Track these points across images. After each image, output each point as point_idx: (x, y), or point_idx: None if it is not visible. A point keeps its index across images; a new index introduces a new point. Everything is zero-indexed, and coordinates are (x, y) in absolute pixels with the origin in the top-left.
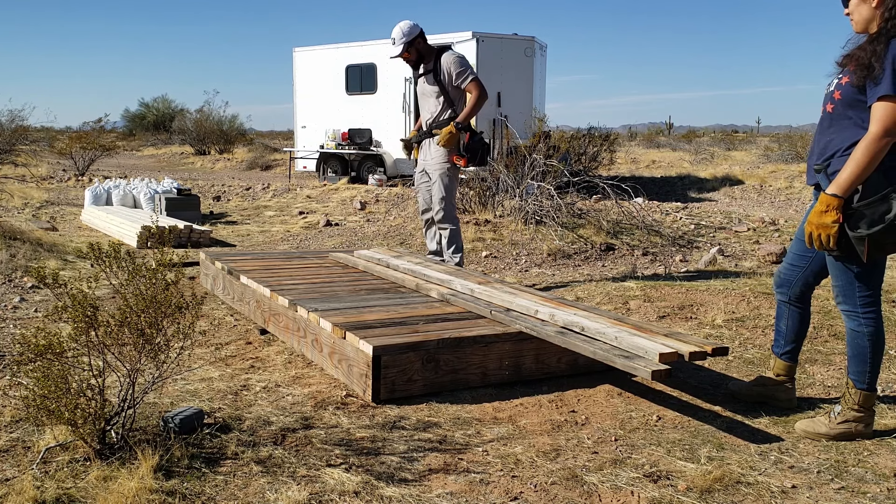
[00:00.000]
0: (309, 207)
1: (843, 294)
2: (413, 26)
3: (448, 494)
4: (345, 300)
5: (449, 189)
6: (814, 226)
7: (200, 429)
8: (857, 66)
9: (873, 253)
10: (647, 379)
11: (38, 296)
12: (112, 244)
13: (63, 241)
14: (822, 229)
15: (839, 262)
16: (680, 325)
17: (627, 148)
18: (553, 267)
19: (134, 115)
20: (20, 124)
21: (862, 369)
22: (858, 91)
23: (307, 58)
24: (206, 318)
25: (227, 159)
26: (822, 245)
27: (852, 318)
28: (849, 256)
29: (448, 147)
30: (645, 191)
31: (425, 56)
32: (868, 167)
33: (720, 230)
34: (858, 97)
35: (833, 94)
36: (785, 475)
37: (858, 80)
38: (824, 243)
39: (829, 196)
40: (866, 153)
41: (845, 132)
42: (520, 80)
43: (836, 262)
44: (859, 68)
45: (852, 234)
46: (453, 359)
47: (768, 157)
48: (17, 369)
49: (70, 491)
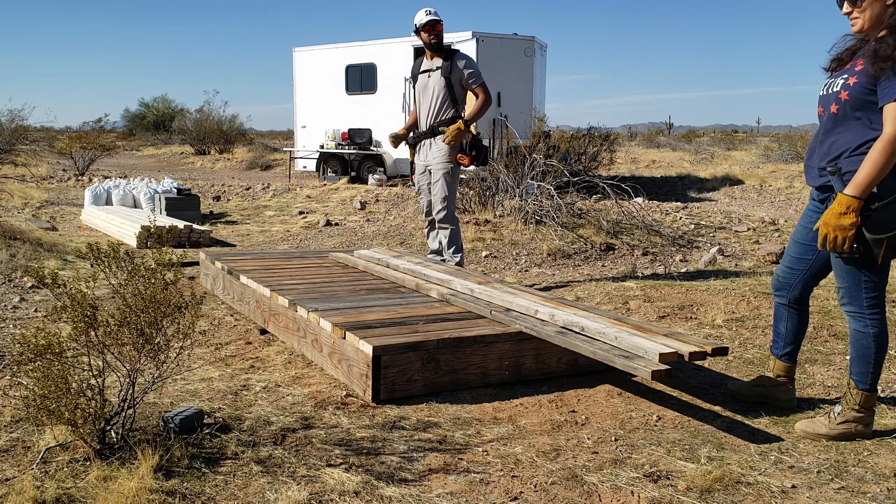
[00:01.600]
0: (309, 207)
1: (850, 296)
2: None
3: (448, 494)
4: (345, 300)
5: (451, 188)
6: (831, 227)
7: (200, 429)
8: (876, 58)
9: (888, 255)
10: (647, 379)
11: (38, 296)
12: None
13: (63, 241)
14: (839, 231)
15: (848, 265)
16: (680, 325)
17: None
18: (553, 267)
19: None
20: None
21: (865, 370)
22: (869, 92)
23: (307, 58)
24: (206, 318)
25: (227, 159)
26: (836, 247)
27: (858, 319)
28: (860, 258)
29: (454, 144)
30: (645, 191)
31: (441, 46)
32: (885, 168)
33: (720, 230)
34: (868, 98)
35: (839, 95)
36: (785, 475)
37: (877, 71)
38: (839, 245)
39: (848, 198)
40: (884, 154)
41: (852, 132)
42: (520, 80)
43: (845, 265)
44: (880, 60)
45: (871, 236)
46: (453, 359)
47: (768, 157)
48: (17, 369)
49: (70, 491)
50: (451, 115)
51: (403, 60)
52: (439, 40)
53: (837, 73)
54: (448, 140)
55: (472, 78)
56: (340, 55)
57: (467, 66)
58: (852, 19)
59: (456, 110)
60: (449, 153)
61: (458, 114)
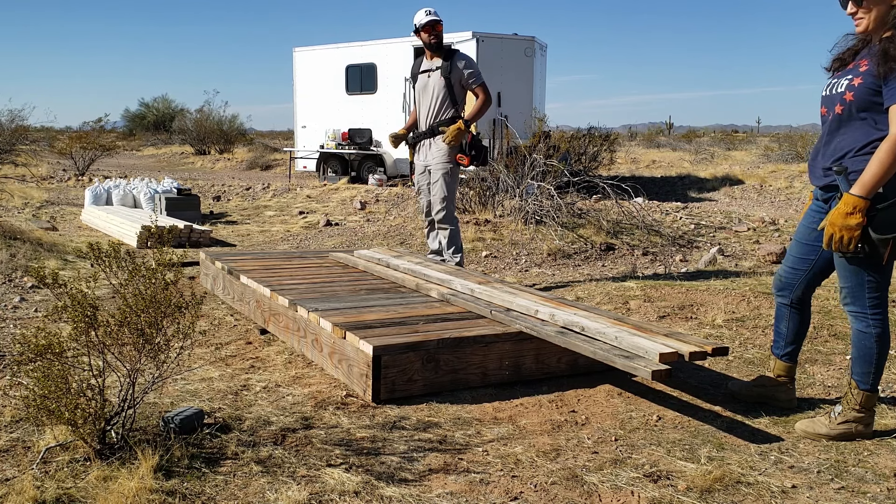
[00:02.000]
0: (309, 207)
1: (853, 295)
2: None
3: (448, 494)
4: (345, 300)
5: (451, 188)
6: (837, 227)
7: (200, 429)
8: (886, 58)
9: (894, 255)
10: (647, 379)
11: (38, 296)
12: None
13: (63, 241)
14: (845, 231)
15: (851, 264)
16: (680, 325)
17: (627, 148)
18: (553, 267)
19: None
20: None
21: (866, 370)
22: (875, 93)
23: (307, 58)
24: (206, 318)
25: (227, 159)
26: (842, 247)
27: (860, 319)
28: (865, 258)
29: (454, 144)
30: (645, 191)
31: (441, 46)
32: (891, 168)
33: (720, 230)
34: (874, 99)
35: (843, 96)
36: (785, 475)
37: (885, 71)
38: (844, 245)
39: (854, 197)
40: (890, 154)
41: (857, 133)
42: (520, 80)
43: (849, 265)
44: (890, 60)
45: (878, 236)
46: (453, 359)
47: (768, 157)
48: (17, 369)
49: (70, 491)
50: (450, 115)
51: (403, 60)
52: (439, 40)
53: (840, 73)
54: (448, 140)
55: (471, 78)
56: (340, 55)
57: (467, 66)
58: (857, 19)
59: (456, 110)
60: (448, 153)
61: (458, 114)
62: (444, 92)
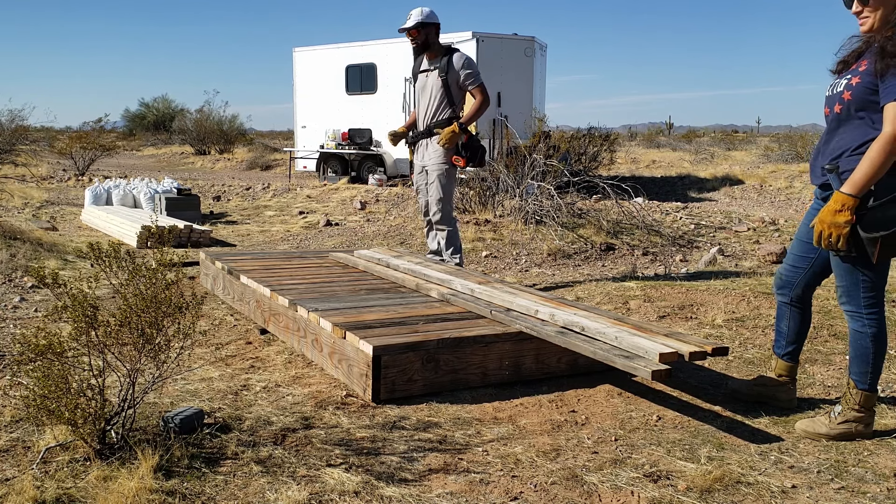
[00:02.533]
0: (309, 207)
1: (848, 295)
2: (432, 13)
3: (448, 494)
4: (345, 300)
5: (447, 190)
6: (825, 224)
7: (200, 429)
8: (884, 54)
9: (883, 255)
10: (647, 379)
11: (38, 296)
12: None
13: (63, 241)
14: (833, 228)
15: (845, 263)
16: (680, 325)
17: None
18: (553, 267)
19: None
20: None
21: (864, 370)
22: (872, 91)
23: (307, 58)
24: (206, 318)
25: (227, 159)
26: (831, 245)
27: (856, 318)
28: (856, 257)
29: (449, 147)
30: (645, 191)
31: (431, 47)
32: (883, 167)
33: (720, 230)
34: (871, 98)
35: (842, 95)
36: (785, 475)
37: (883, 67)
38: (833, 243)
39: (844, 195)
40: (881, 153)
41: (855, 132)
42: (520, 80)
43: (843, 263)
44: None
45: (866, 235)
46: (453, 359)
47: (768, 157)
48: (17, 369)
49: (70, 491)
50: (447, 115)
51: (403, 60)
52: (420, 45)
53: (843, 74)
54: (442, 143)
55: (469, 79)
56: (341, 55)
57: (464, 67)
58: (861, 18)
59: (453, 111)
60: (444, 154)
61: (456, 114)
62: (441, 92)
